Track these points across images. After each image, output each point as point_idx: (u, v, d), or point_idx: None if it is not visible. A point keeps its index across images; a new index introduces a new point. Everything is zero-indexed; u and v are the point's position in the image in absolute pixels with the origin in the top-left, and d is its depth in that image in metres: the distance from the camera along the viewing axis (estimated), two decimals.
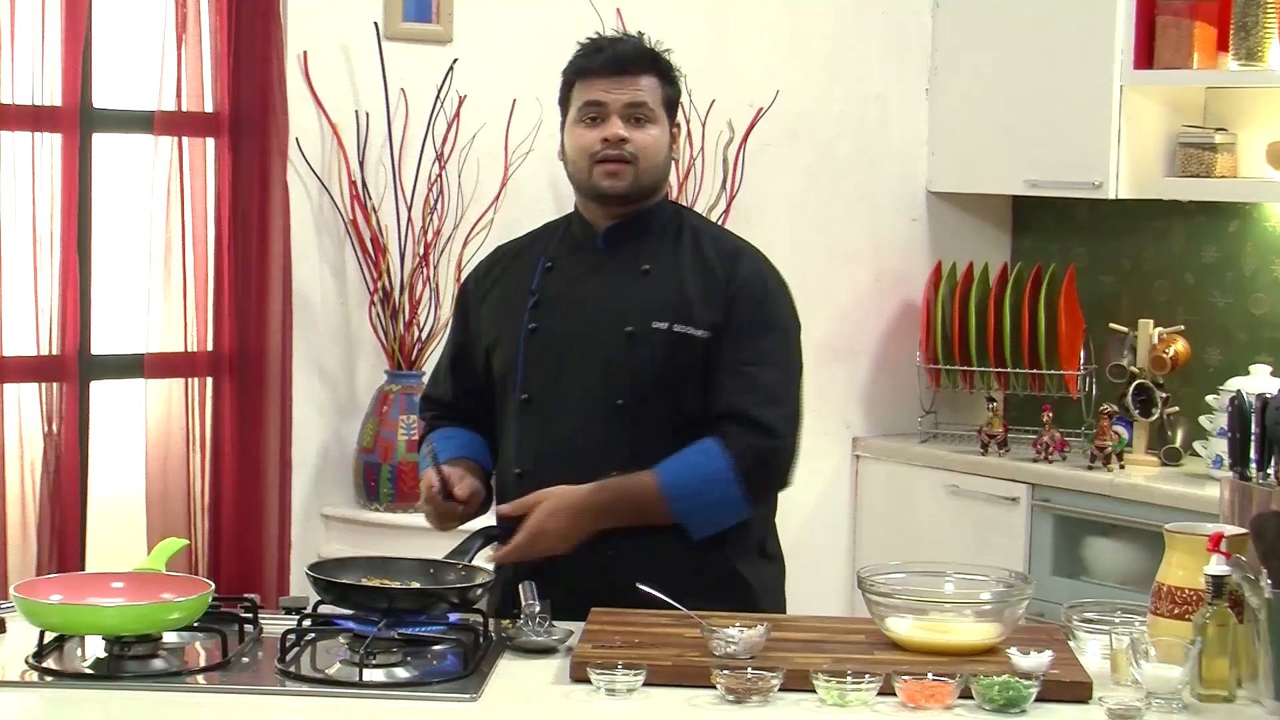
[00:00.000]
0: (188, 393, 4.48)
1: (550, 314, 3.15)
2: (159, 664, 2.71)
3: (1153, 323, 4.98)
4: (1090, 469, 4.84)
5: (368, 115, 4.63)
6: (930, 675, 2.59)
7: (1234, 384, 4.45)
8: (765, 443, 3.07)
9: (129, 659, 2.70)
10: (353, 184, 4.62)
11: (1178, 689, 2.58)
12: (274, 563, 4.46)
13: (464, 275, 3.41)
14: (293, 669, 2.71)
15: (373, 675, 2.67)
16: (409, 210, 4.65)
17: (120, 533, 4.45)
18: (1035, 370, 5.14)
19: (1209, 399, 4.74)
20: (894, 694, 2.57)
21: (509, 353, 3.17)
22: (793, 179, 5.34)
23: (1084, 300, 5.20)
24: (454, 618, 2.87)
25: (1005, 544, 4.93)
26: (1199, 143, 4.88)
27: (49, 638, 2.76)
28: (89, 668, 2.71)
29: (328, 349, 4.70)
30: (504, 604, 3.05)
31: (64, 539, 4.25)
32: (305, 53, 4.59)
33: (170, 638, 2.79)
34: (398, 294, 4.61)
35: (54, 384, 4.28)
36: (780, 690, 2.59)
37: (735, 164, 5.08)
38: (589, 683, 2.62)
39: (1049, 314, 5.12)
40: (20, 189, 4.23)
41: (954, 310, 5.26)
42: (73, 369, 4.27)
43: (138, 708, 2.58)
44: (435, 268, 4.66)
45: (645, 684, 2.60)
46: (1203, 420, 4.76)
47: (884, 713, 2.55)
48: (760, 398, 3.07)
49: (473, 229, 4.73)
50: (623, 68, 3.14)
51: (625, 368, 3.08)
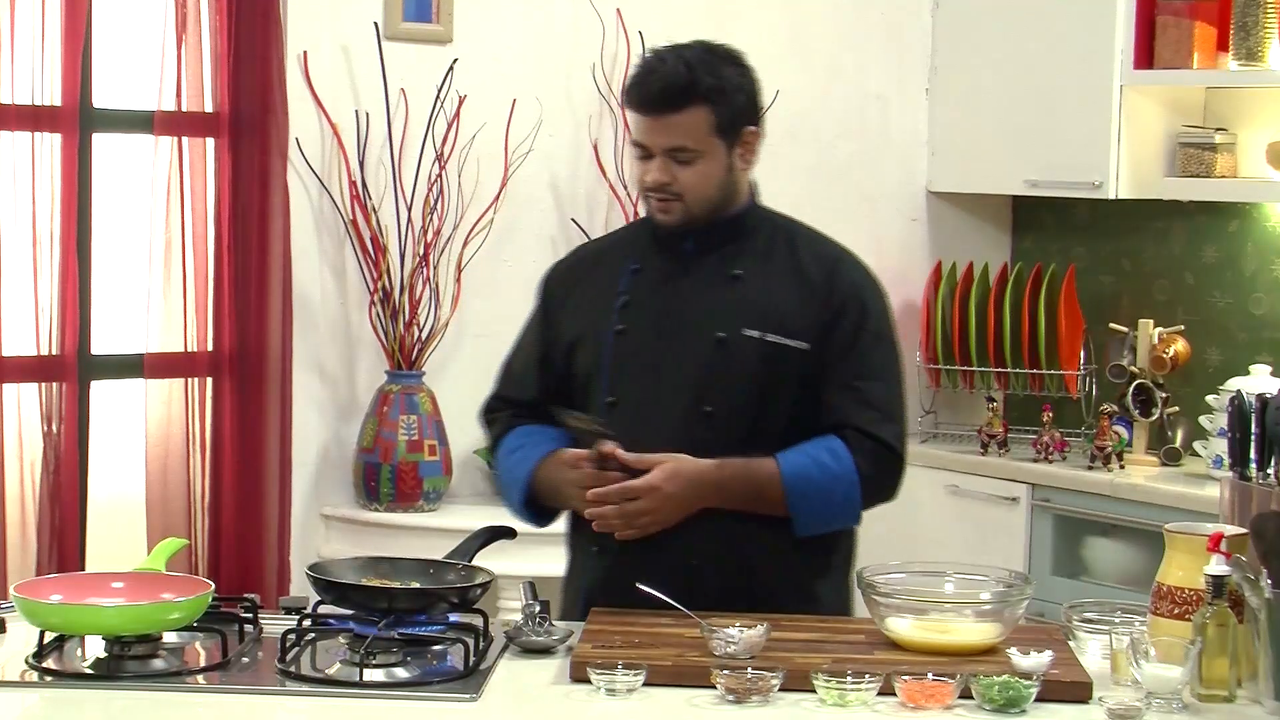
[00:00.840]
0: (188, 393, 4.48)
1: (639, 317, 3.09)
2: (159, 664, 2.71)
3: (1153, 323, 4.98)
4: (1090, 469, 4.84)
5: (368, 115, 4.63)
6: (930, 675, 2.59)
7: (1234, 384, 4.45)
8: (885, 459, 3.07)
9: (129, 659, 2.70)
10: (353, 184, 4.62)
11: (1178, 689, 2.58)
12: (274, 563, 4.46)
13: (544, 273, 3.30)
14: (293, 669, 2.71)
15: (373, 675, 2.67)
16: (409, 210, 4.65)
17: (120, 533, 4.46)
18: (1035, 370, 5.14)
19: (1209, 399, 4.74)
20: (894, 694, 2.57)
21: (594, 354, 3.11)
22: (793, 179, 5.33)
23: (1084, 300, 5.20)
24: (454, 618, 2.88)
25: (1005, 544, 4.93)
26: (1199, 143, 4.88)
27: (49, 638, 2.76)
28: (89, 668, 2.71)
29: (328, 349, 4.70)
30: (621, 594, 2.96)
31: (64, 539, 4.25)
32: (305, 53, 4.59)
33: (170, 638, 2.80)
34: (398, 294, 4.61)
35: (54, 384, 4.28)
36: (780, 690, 2.59)
37: None
38: (589, 683, 2.62)
39: (1049, 314, 5.11)
40: (20, 189, 4.23)
41: (954, 310, 5.25)
42: (73, 369, 4.27)
43: (138, 708, 2.58)
44: (435, 268, 4.66)
45: (645, 684, 2.60)
46: (1203, 420, 4.76)
47: (884, 713, 2.55)
48: (877, 415, 3.05)
49: (473, 229, 4.73)
50: (661, 107, 3.02)
51: (715, 375, 3.03)
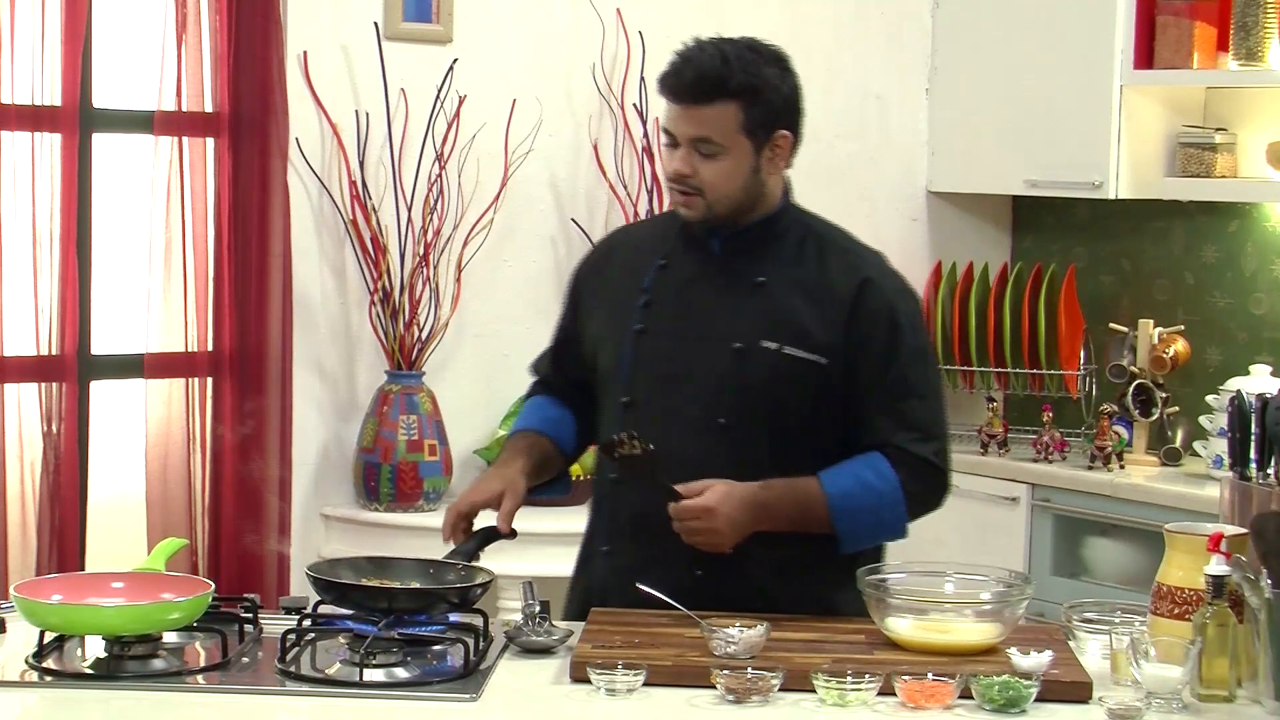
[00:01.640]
0: (188, 393, 4.48)
1: (660, 317, 3.06)
2: (159, 664, 2.71)
3: (1153, 323, 4.98)
4: (1090, 469, 4.84)
5: (368, 115, 4.63)
6: (930, 675, 2.59)
7: (1234, 384, 4.45)
8: (929, 474, 3.05)
9: (129, 659, 2.70)
10: (353, 184, 4.62)
11: (1178, 689, 2.58)
12: (274, 563, 4.46)
13: (577, 262, 3.30)
14: (293, 669, 2.71)
15: (373, 675, 2.67)
16: (409, 210, 4.64)
17: (120, 533, 4.45)
18: (1035, 370, 5.14)
19: (1209, 399, 4.74)
20: (894, 694, 2.57)
21: (616, 351, 3.08)
22: (793, 179, 5.33)
23: (1084, 300, 5.20)
24: (454, 618, 2.88)
25: (1005, 544, 4.93)
26: (1199, 143, 4.88)
27: (49, 638, 2.76)
28: (89, 668, 2.71)
29: (328, 349, 4.70)
30: (624, 595, 2.95)
31: (64, 539, 4.25)
32: (305, 53, 4.59)
33: (170, 638, 2.80)
34: (398, 294, 4.61)
35: (54, 384, 4.28)
36: (780, 690, 2.59)
37: None
38: (589, 683, 2.62)
39: (1049, 314, 5.11)
40: (20, 189, 4.23)
41: (954, 310, 5.26)
42: (73, 369, 4.27)
43: (138, 708, 2.59)
44: (435, 268, 4.66)
45: (645, 684, 2.60)
46: (1203, 420, 4.76)
47: (884, 713, 2.55)
48: (917, 435, 3.02)
49: (473, 229, 4.73)
50: (692, 97, 2.99)
51: (730, 385, 2.99)
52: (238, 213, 4.46)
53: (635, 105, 4.93)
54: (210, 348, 4.48)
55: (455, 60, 4.71)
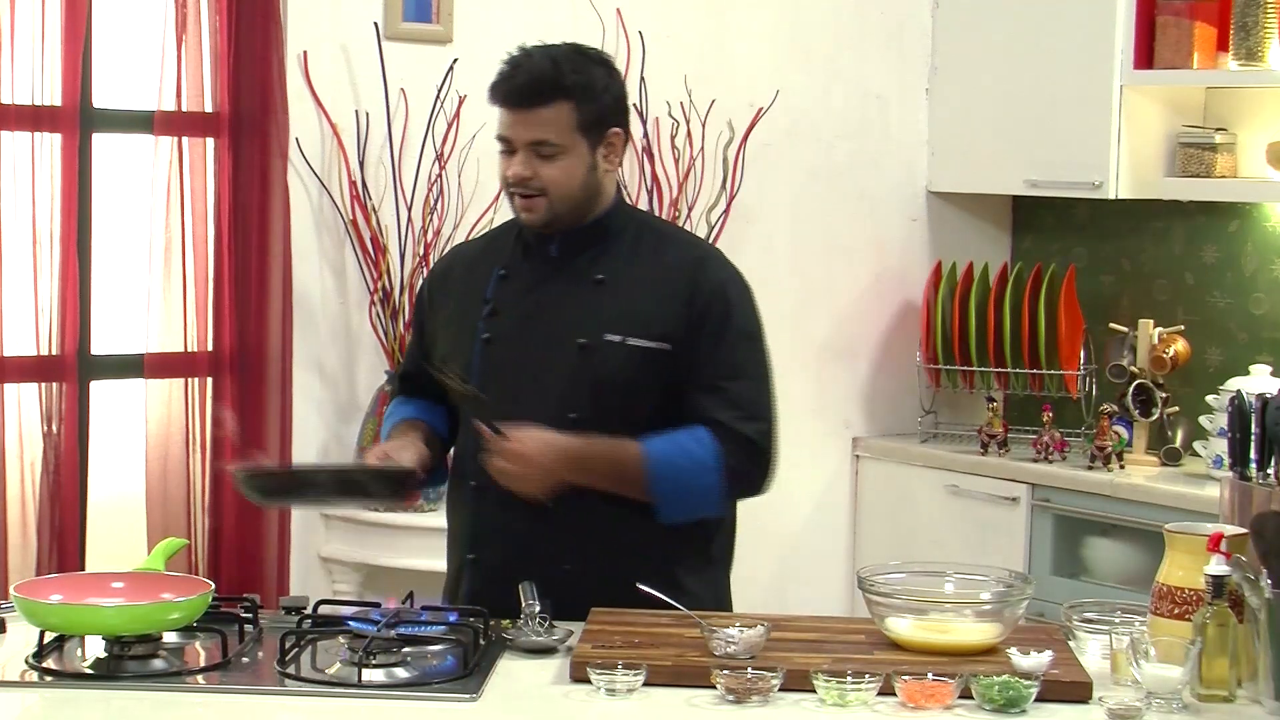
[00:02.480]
0: (188, 393, 4.48)
1: (504, 325, 3.12)
2: (159, 664, 2.71)
3: (1153, 323, 4.98)
4: (1090, 469, 4.84)
5: (368, 115, 4.64)
6: (930, 675, 2.59)
7: (1234, 384, 4.46)
8: (750, 452, 3.07)
9: (129, 659, 2.71)
10: (353, 184, 4.62)
11: (1178, 689, 2.58)
12: (274, 563, 4.46)
13: (421, 282, 3.39)
14: (293, 669, 2.71)
15: (372, 675, 2.67)
16: (409, 210, 4.65)
17: (120, 533, 4.45)
18: (1035, 370, 5.14)
19: (1209, 399, 4.74)
20: (894, 694, 2.57)
21: (465, 363, 3.13)
22: (793, 179, 5.34)
23: (1084, 300, 5.20)
24: (453, 617, 2.88)
25: (1005, 544, 4.93)
26: (1199, 143, 4.88)
27: (49, 638, 2.76)
28: (89, 668, 2.71)
29: (328, 349, 4.70)
30: (502, 600, 3.00)
31: (64, 539, 4.25)
32: (305, 53, 4.59)
33: (170, 638, 2.80)
34: (398, 294, 4.61)
35: (54, 384, 4.28)
36: (780, 690, 2.59)
37: (735, 164, 5.08)
38: (589, 683, 2.62)
39: (1049, 314, 5.12)
40: (20, 189, 4.23)
41: (954, 310, 5.26)
42: (73, 369, 4.27)
43: (138, 708, 2.59)
44: None
45: (645, 684, 2.60)
46: (1203, 420, 4.76)
47: (884, 713, 2.55)
48: (741, 414, 3.06)
49: (473, 229, 4.73)
50: (524, 101, 3.04)
51: (578, 381, 3.05)
52: (238, 213, 4.46)
53: (635, 105, 4.93)
54: (210, 348, 4.48)
55: (455, 60, 4.71)
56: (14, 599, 2.75)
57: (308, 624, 2.87)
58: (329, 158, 4.63)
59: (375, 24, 4.64)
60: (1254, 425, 2.82)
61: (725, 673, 2.60)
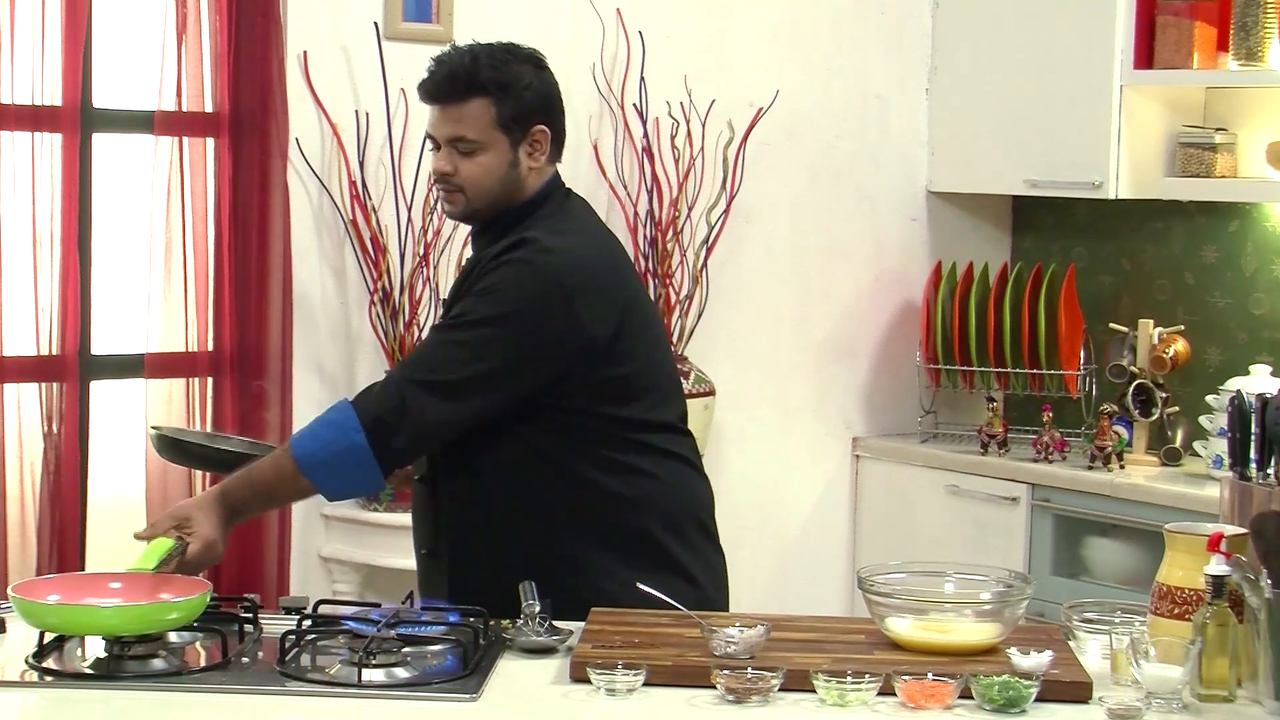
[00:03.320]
0: (188, 393, 4.48)
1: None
2: (159, 664, 2.71)
3: (1153, 323, 4.98)
4: (1090, 469, 4.84)
5: (368, 115, 4.64)
6: (930, 675, 2.59)
7: (1234, 384, 4.46)
8: (383, 396, 3.00)
9: (129, 659, 2.71)
10: (353, 184, 4.62)
11: (1178, 689, 2.58)
12: (274, 563, 4.46)
13: None
14: (293, 669, 2.71)
15: (372, 675, 2.67)
16: (409, 210, 4.65)
17: (120, 533, 4.44)
18: (1035, 370, 5.14)
19: (1209, 399, 4.74)
20: (894, 694, 2.57)
21: None
22: (793, 179, 5.35)
23: (1084, 300, 5.20)
24: (454, 617, 2.88)
25: (1005, 544, 4.93)
26: (1199, 143, 4.88)
27: (49, 638, 2.76)
28: (89, 668, 2.71)
29: (328, 349, 4.70)
30: (494, 602, 2.99)
31: (64, 539, 4.25)
32: (305, 53, 4.59)
33: (171, 638, 2.80)
34: (398, 294, 4.61)
35: (54, 384, 4.28)
36: (780, 690, 2.59)
37: (735, 164, 5.08)
38: (589, 683, 2.62)
39: (1049, 314, 5.12)
40: (20, 189, 4.23)
41: (954, 310, 5.26)
42: (73, 369, 4.27)
43: (138, 708, 2.59)
44: (435, 268, 4.66)
45: (645, 684, 2.60)
46: (1203, 420, 4.76)
47: (884, 713, 2.55)
48: (403, 362, 3.12)
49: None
50: (442, 97, 3.09)
51: None
52: (238, 213, 4.46)
53: (635, 105, 4.93)
54: (210, 348, 4.48)
55: None
56: (12, 599, 2.75)
57: (308, 624, 2.87)
58: (329, 158, 4.63)
59: (375, 24, 4.64)
60: (1254, 425, 2.81)
61: (725, 673, 2.60)
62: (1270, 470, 2.79)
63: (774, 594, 5.20)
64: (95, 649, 2.76)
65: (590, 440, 3.06)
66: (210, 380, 4.48)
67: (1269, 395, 2.84)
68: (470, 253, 3.27)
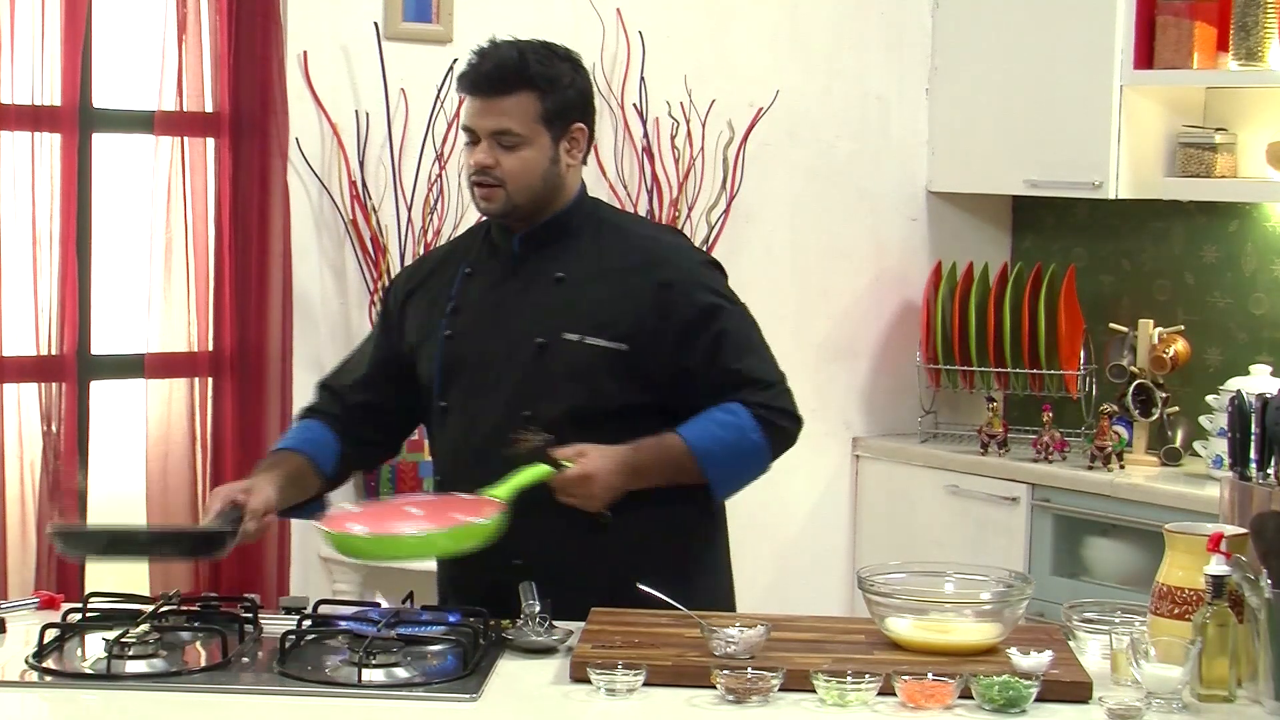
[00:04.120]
0: (189, 393, 4.48)
1: (466, 322, 3.13)
2: (159, 664, 2.72)
3: (1153, 323, 4.98)
4: (1090, 469, 4.84)
5: (368, 115, 4.64)
6: (930, 675, 2.59)
7: (1234, 384, 4.45)
8: (779, 411, 3.10)
9: (129, 659, 2.71)
10: (353, 184, 4.62)
11: (1178, 689, 2.58)
12: (274, 563, 4.46)
13: (390, 282, 3.40)
14: (293, 669, 2.71)
15: (372, 675, 2.67)
16: (409, 210, 4.65)
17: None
18: (1035, 370, 5.14)
19: (1209, 399, 4.74)
20: (894, 694, 2.57)
21: (429, 359, 3.15)
22: (793, 179, 5.35)
23: (1084, 300, 5.20)
24: (454, 617, 2.88)
25: (1005, 544, 4.93)
26: (1199, 143, 4.88)
27: (49, 637, 2.76)
28: (89, 668, 2.72)
29: (328, 349, 4.69)
30: (496, 602, 2.99)
31: None
32: (305, 53, 4.59)
33: (170, 638, 2.80)
34: None
35: (54, 384, 4.28)
36: (780, 690, 2.59)
37: (735, 164, 5.09)
38: (589, 683, 2.62)
39: (1049, 314, 5.12)
40: (20, 189, 4.23)
41: (954, 310, 5.26)
42: (72, 369, 4.26)
43: (138, 708, 2.59)
44: None
45: (645, 684, 2.60)
46: (1203, 420, 4.76)
47: (884, 713, 2.55)
48: (754, 385, 3.08)
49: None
50: (488, 89, 3.07)
51: (534, 380, 3.05)
52: (238, 213, 4.46)
53: (635, 105, 4.93)
54: (210, 347, 4.48)
55: (455, 60, 4.67)
56: (325, 535, 2.88)
57: (308, 624, 2.87)
58: (329, 158, 4.63)
59: (375, 24, 4.64)
60: (1254, 425, 2.82)
61: (725, 673, 2.60)
62: (1270, 470, 2.79)
63: (774, 594, 5.20)
64: (95, 649, 2.76)
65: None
66: (210, 380, 4.48)
67: (1269, 395, 2.84)
68: (496, 262, 3.17)
